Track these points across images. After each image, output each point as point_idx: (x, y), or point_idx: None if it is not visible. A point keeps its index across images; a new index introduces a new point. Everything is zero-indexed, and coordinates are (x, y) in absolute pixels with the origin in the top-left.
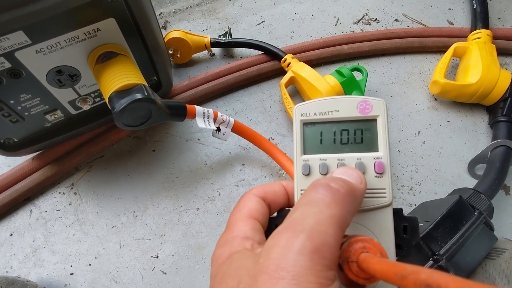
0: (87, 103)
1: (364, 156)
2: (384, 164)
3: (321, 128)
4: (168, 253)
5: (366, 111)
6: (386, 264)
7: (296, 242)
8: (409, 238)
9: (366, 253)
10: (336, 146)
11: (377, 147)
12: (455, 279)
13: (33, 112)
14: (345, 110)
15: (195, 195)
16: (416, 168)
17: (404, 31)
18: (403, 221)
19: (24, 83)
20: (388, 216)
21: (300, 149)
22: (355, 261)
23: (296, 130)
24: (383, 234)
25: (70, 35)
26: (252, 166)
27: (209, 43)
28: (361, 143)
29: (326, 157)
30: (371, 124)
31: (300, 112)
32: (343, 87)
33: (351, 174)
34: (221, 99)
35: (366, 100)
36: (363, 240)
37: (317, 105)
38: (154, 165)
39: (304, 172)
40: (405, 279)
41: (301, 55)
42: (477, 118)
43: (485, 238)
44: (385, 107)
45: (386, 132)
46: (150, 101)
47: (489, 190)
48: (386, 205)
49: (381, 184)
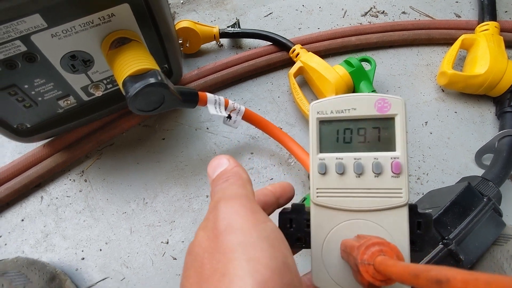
0: (99, 89)
1: (381, 156)
2: (401, 164)
3: (337, 126)
4: (178, 239)
5: (384, 109)
6: (401, 266)
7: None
8: (422, 234)
9: (383, 256)
10: (352, 145)
11: (395, 147)
12: (462, 271)
13: (46, 98)
14: (363, 108)
15: (205, 183)
16: (423, 158)
17: (411, 23)
18: (418, 217)
19: (38, 67)
20: (404, 215)
21: (316, 147)
22: (372, 263)
23: (312, 128)
24: (398, 233)
25: (85, 19)
26: (261, 155)
27: (217, 34)
28: (378, 142)
29: (342, 156)
30: (389, 123)
31: (317, 110)
32: (351, 77)
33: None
34: (230, 89)
35: (384, 98)
36: (380, 243)
37: (334, 103)
38: (164, 153)
39: (320, 171)
40: (418, 277)
41: (309, 46)
42: (484, 109)
43: (494, 224)
44: (403, 105)
45: (404, 131)
46: (163, 86)
47: (497, 178)
48: (402, 205)
49: (397, 184)
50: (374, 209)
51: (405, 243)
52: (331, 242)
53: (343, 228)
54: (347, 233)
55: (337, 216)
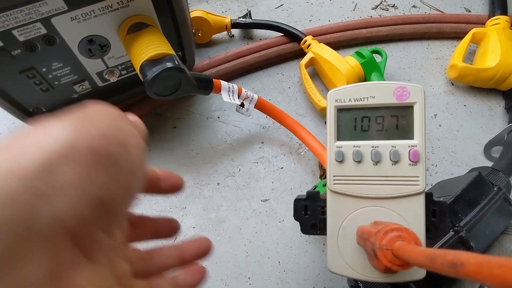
0: (114, 75)
1: (399, 144)
2: (419, 152)
3: (355, 114)
4: (189, 225)
5: (403, 97)
6: (419, 251)
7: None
8: (437, 221)
9: (401, 241)
10: (370, 133)
11: (413, 135)
12: (476, 255)
13: (62, 82)
14: (381, 97)
15: (216, 171)
16: (432, 149)
17: (422, 17)
18: (433, 205)
19: (57, 51)
20: (420, 203)
21: (334, 135)
22: (390, 249)
23: (330, 116)
24: (414, 220)
25: (104, 3)
26: (271, 144)
27: (229, 24)
28: (396, 130)
29: (360, 144)
30: (408, 111)
31: (335, 98)
32: (363, 68)
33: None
34: (241, 79)
35: (403, 87)
36: (398, 229)
37: (352, 91)
38: (175, 141)
39: (338, 159)
40: (434, 261)
41: (320, 38)
42: (493, 103)
43: (504, 213)
44: (423, 94)
45: (423, 119)
46: (180, 71)
47: (507, 169)
48: (419, 193)
49: (415, 172)
50: (390, 197)
51: (421, 230)
52: (347, 228)
53: (359, 215)
54: (363, 220)
55: (353, 203)
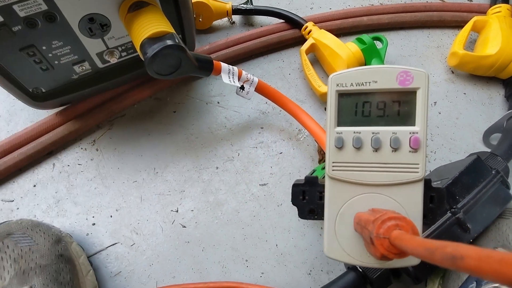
0: (114, 56)
1: (400, 130)
2: (420, 139)
3: (356, 100)
4: (188, 208)
5: (406, 82)
6: (417, 242)
7: None
8: (435, 208)
9: (399, 230)
10: (371, 118)
11: (414, 121)
12: (476, 248)
13: (62, 61)
14: (384, 81)
15: (215, 155)
16: (431, 136)
17: (423, 5)
18: (431, 191)
19: (57, 28)
20: (419, 190)
21: (334, 120)
22: (387, 237)
23: (331, 100)
24: (412, 207)
25: None
26: (271, 129)
27: (230, 10)
28: (398, 116)
29: (360, 130)
30: (410, 96)
31: (336, 82)
32: (363, 54)
33: None
34: (241, 65)
35: (407, 71)
36: (396, 217)
37: (354, 75)
38: (175, 126)
39: (337, 145)
40: (433, 254)
41: (321, 25)
42: (493, 92)
43: (501, 196)
44: (427, 79)
45: (426, 105)
46: (181, 49)
47: (505, 154)
48: (418, 180)
49: (414, 160)
50: (389, 184)
51: (419, 216)
52: (344, 214)
53: (357, 201)
54: (361, 206)
55: (351, 190)
